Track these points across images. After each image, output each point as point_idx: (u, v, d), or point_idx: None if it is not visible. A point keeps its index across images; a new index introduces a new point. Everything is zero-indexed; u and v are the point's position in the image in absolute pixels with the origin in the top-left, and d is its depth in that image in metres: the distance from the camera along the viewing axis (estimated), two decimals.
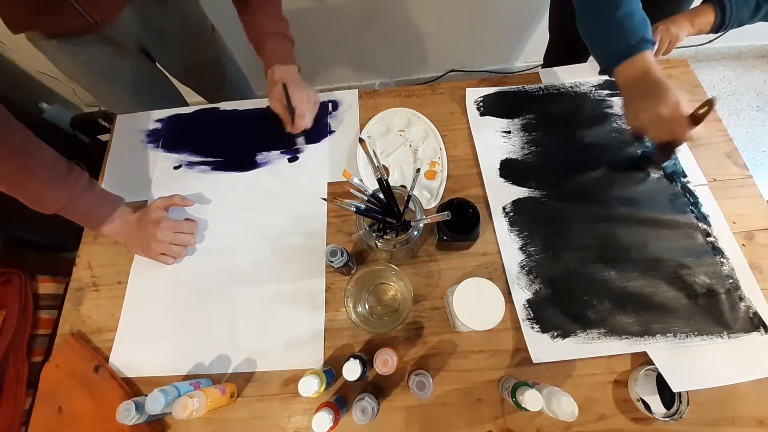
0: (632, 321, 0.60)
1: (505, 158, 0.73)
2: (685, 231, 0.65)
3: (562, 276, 0.63)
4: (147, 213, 0.68)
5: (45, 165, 0.59)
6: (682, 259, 0.63)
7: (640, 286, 0.62)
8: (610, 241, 0.65)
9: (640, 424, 0.55)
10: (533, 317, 0.61)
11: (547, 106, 0.78)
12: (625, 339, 0.59)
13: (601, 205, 0.68)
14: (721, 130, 0.72)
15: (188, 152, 0.80)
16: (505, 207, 0.69)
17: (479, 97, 0.80)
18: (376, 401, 0.53)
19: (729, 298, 0.60)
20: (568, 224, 0.67)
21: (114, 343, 0.65)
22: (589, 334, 0.59)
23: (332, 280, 0.66)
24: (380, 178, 0.56)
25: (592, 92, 0.78)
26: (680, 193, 0.68)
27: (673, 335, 0.58)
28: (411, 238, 0.57)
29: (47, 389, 0.62)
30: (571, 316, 0.60)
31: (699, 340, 0.58)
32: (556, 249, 0.65)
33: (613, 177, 0.70)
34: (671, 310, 0.60)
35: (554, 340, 0.59)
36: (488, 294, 0.50)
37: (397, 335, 0.61)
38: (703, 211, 0.66)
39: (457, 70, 1.60)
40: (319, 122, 0.80)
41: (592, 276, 0.63)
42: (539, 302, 0.62)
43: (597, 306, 0.61)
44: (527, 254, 0.65)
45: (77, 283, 0.70)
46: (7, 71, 1.29)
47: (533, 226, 0.67)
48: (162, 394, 0.51)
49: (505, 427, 0.56)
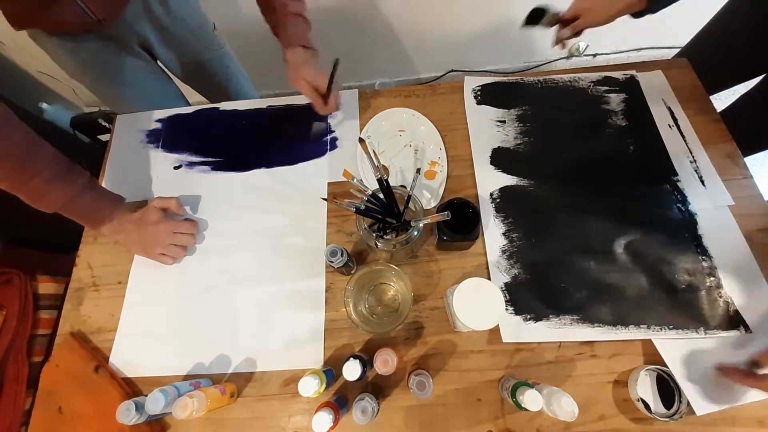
0: (607, 311, 0.60)
1: (497, 146, 0.74)
2: (670, 227, 0.65)
3: (542, 263, 0.64)
4: (146, 213, 0.68)
5: (46, 163, 0.58)
6: (664, 254, 0.63)
7: (618, 278, 0.62)
8: (592, 233, 0.66)
9: (640, 424, 0.55)
10: (509, 299, 0.62)
11: (544, 99, 0.78)
12: (597, 327, 0.59)
13: (587, 198, 0.68)
14: (721, 130, 0.72)
15: (188, 152, 0.80)
16: (493, 193, 0.70)
17: (477, 86, 0.80)
18: (376, 401, 0.53)
19: (708, 295, 0.60)
20: (552, 214, 0.68)
21: (114, 343, 0.65)
22: (561, 320, 0.60)
23: (332, 280, 0.66)
24: (380, 178, 0.56)
25: (590, 88, 0.78)
26: (669, 190, 0.68)
27: (647, 327, 0.59)
28: (411, 238, 0.57)
29: (47, 389, 0.62)
30: (546, 301, 0.61)
31: (674, 333, 0.58)
32: (539, 237, 0.66)
33: (603, 172, 0.70)
34: (648, 303, 0.60)
35: (526, 322, 0.60)
36: (488, 294, 0.50)
37: (397, 335, 0.61)
38: (690, 209, 0.66)
39: (457, 70, 1.60)
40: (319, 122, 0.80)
41: (572, 265, 0.64)
42: (516, 286, 0.63)
43: (573, 294, 0.62)
44: (509, 240, 0.66)
45: (77, 283, 0.70)
46: (7, 71, 1.29)
47: (518, 214, 0.68)
48: (162, 394, 0.51)
49: (505, 427, 0.56)
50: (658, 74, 0.78)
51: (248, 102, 0.84)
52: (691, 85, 0.77)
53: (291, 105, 0.83)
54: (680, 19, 1.01)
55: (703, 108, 0.74)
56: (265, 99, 0.84)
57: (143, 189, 0.77)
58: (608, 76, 0.79)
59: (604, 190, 0.69)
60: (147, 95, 0.88)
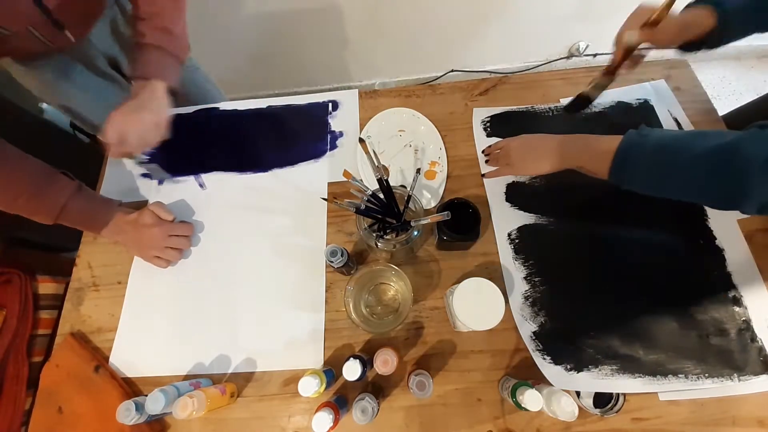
0: (642, 359, 0.57)
1: (511, 182, 0.70)
2: (698, 266, 0.62)
3: (568, 309, 0.61)
4: (142, 215, 0.67)
5: (28, 181, 0.58)
6: (693, 295, 0.60)
7: (648, 323, 0.59)
8: (617, 274, 0.62)
9: (640, 424, 0.55)
10: (543, 349, 0.58)
11: (556, 128, 0.73)
12: (638, 378, 0.56)
13: (608, 233, 0.65)
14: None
15: (188, 152, 0.80)
16: (511, 233, 0.66)
17: (486, 117, 0.77)
18: (376, 401, 0.53)
19: (740, 338, 0.58)
20: (574, 254, 0.64)
21: (114, 343, 0.65)
22: (602, 370, 0.57)
23: (332, 280, 0.66)
24: (380, 178, 0.56)
25: (602, 114, 0.75)
26: (699, 230, 0.64)
27: (685, 376, 0.56)
28: (411, 238, 0.57)
29: (47, 389, 0.62)
30: (579, 351, 0.58)
31: (710, 382, 0.56)
32: (561, 280, 0.63)
33: (623, 205, 0.66)
34: (681, 349, 0.57)
35: (569, 372, 0.57)
36: (488, 294, 0.50)
37: (397, 335, 0.61)
38: (717, 245, 0.63)
39: (457, 70, 1.60)
40: (320, 122, 0.80)
41: (599, 309, 0.60)
42: (545, 335, 0.59)
43: (605, 342, 0.58)
44: (532, 284, 0.63)
45: (77, 283, 0.70)
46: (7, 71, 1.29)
47: (539, 255, 0.64)
48: (162, 394, 0.51)
49: (505, 427, 0.56)
50: (662, 84, 0.77)
51: (248, 102, 0.84)
52: (691, 85, 0.77)
53: (291, 105, 0.83)
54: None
55: (703, 108, 0.74)
56: (265, 99, 0.84)
57: (143, 189, 0.77)
58: (621, 101, 0.76)
59: (623, 223, 0.65)
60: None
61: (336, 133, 0.79)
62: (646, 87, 0.77)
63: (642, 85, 0.77)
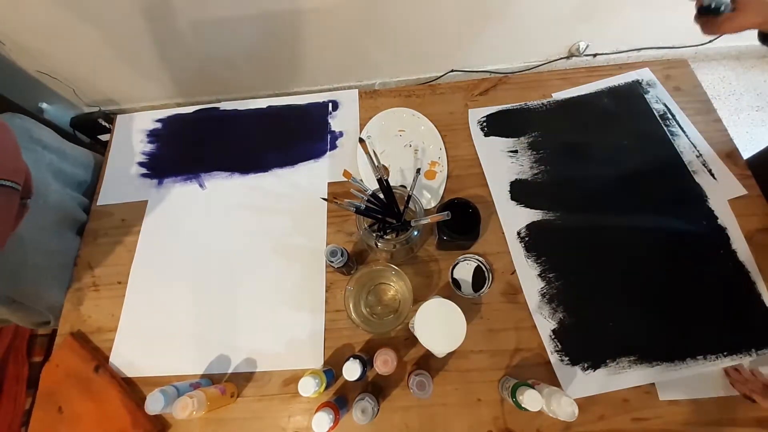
0: (660, 344, 0.58)
1: (514, 179, 0.71)
2: (705, 246, 0.63)
3: (586, 301, 0.61)
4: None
5: None
6: (707, 275, 0.61)
7: (664, 307, 0.60)
8: (628, 262, 0.63)
9: (640, 424, 0.55)
10: (561, 349, 0.59)
11: (551, 122, 0.75)
12: (656, 366, 0.57)
13: (616, 223, 0.65)
14: (721, 130, 0.72)
15: (188, 152, 0.80)
16: (520, 232, 0.66)
17: (482, 117, 0.77)
18: (376, 401, 0.53)
19: (753, 312, 0.58)
20: (585, 246, 0.65)
21: (114, 343, 0.65)
22: (619, 363, 0.57)
23: (332, 280, 0.66)
24: (380, 178, 0.56)
25: (594, 103, 0.76)
26: (701, 212, 0.65)
27: (704, 357, 0.56)
28: (411, 238, 0.57)
29: (47, 389, 0.62)
30: (599, 344, 0.59)
31: (729, 360, 0.56)
32: (576, 273, 0.63)
33: (624, 194, 0.67)
34: (698, 330, 0.58)
35: (585, 372, 0.57)
36: (449, 315, 0.49)
37: (397, 335, 0.61)
38: (720, 224, 0.64)
39: (457, 70, 1.60)
40: (320, 122, 0.80)
41: (616, 299, 0.61)
42: (564, 331, 0.59)
43: (622, 331, 0.59)
44: (547, 281, 0.63)
45: (77, 283, 0.70)
46: (7, 71, 1.29)
47: (550, 251, 0.64)
48: (162, 394, 0.51)
49: (505, 427, 0.56)
50: (649, 74, 0.78)
51: (248, 102, 0.84)
52: (691, 85, 0.77)
53: (291, 105, 0.83)
54: (680, 19, 1.01)
55: (703, 108, 0.74)
56: (265, 99, 0.84)
57: (143, 189, 0.77)
58: (611, 88, 0.77)
59: (629, 210, 0.66)
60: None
61: (336, 133, 0.79)
62: (631, 75, 0.79)
63: (628, 74, 0.79)
